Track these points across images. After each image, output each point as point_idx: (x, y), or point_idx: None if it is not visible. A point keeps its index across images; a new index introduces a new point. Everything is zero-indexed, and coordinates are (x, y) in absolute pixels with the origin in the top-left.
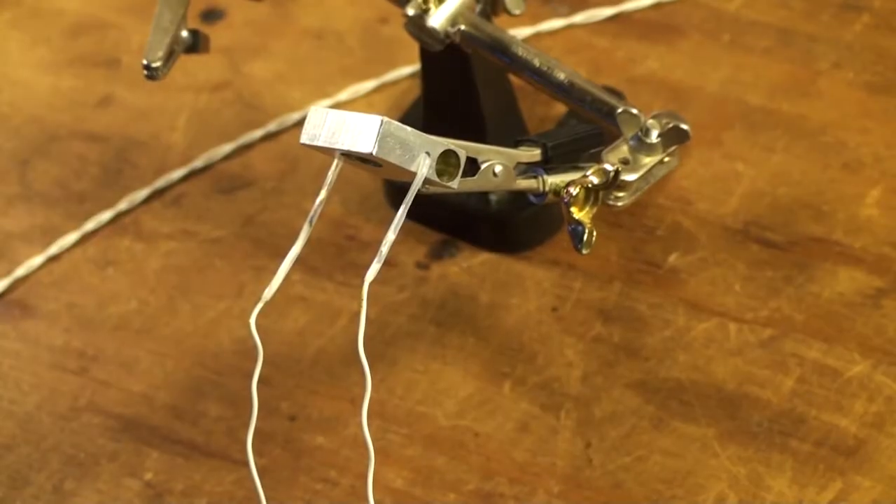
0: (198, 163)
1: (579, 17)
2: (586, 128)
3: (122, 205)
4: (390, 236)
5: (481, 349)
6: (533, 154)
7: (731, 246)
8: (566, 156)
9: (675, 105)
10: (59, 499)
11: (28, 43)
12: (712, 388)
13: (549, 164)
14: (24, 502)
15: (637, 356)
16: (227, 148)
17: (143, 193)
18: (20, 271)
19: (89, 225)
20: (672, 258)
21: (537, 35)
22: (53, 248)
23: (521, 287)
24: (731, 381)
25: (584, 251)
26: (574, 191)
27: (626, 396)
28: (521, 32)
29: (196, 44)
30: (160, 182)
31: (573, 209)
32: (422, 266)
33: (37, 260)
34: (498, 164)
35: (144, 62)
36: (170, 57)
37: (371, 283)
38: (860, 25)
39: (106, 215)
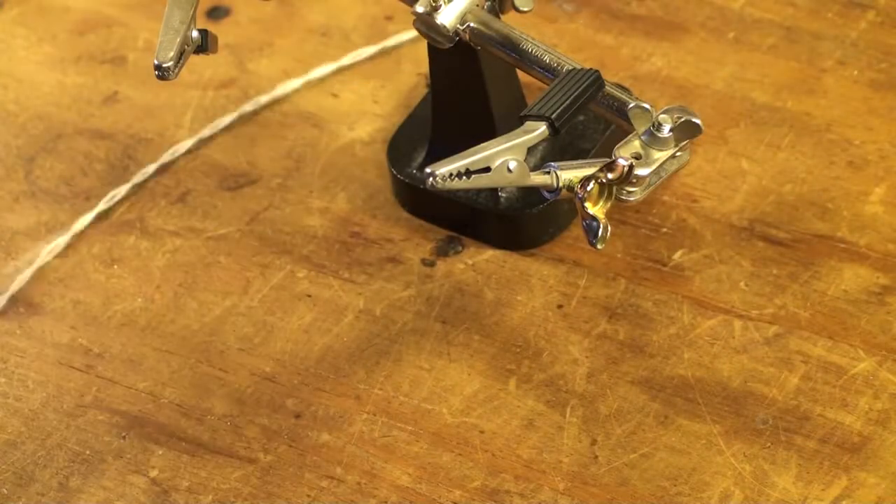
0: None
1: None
2: (581, 79)
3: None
4: None
5: (487, 346)
6: (541, 133)
7: (737, 243)
8: (573, 117)
9: (681, 102)
10: (65, 496)
11: (34, 40)
12: (717, 386)
13: (559, 134)
14: (30, 499)
15: (642, 353)
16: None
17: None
18: (26, 268)
19: (95, 222)
20: (677, 255)
21: (542, 33)
22: (59, 246)
23: (526, 284)
24: (737, 379)
25: (599, 246)
26: (589, 186)
27: (632, 393)
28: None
29: (205, 44)
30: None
31: (587, 204)
32: (427, 263)
33: (42, 257)
34: (512, 160)
35: (156, 62)
36: (180, 57)
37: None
38: (865, 23)
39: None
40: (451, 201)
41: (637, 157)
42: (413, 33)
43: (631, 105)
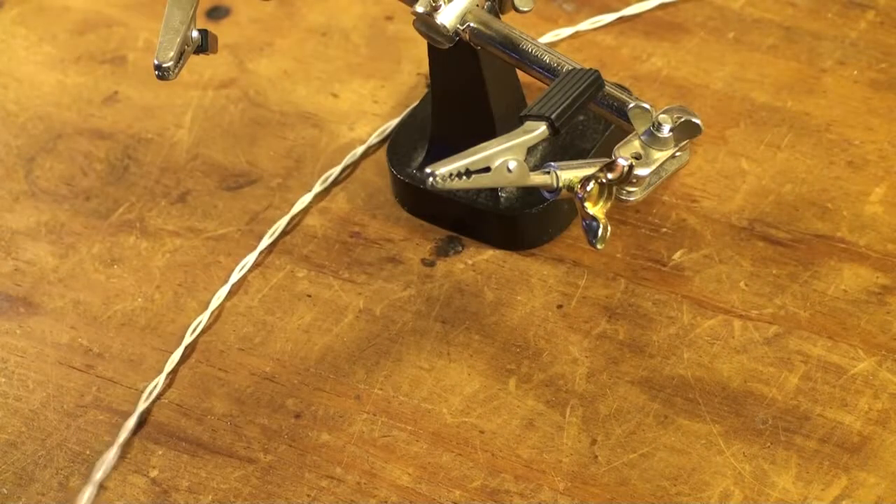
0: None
1: (587, 23)
2: (581, 79)
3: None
4: None
5: (487, 346)
6: (541, 133)
7: (736, 243)
8: (572, 117)
9: (680, 103)
10: (65, 496)
11: (34, 40)
12: (717, 386)
13: (558, 134)
14: (30, 499)
15: (642, 353)
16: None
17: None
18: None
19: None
20: (677, 255)
21: (542, 34)
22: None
23: (526, 284)
24: (736, 378)
25: (599, 246)
26: (589, 186)
27: (632, 393)
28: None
29: (205, 44)
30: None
31: (587, 204)
32: (427, 263)
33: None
34: (512, 160)
35: (156, 62)
36: (180, 57)
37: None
38: (865, 23)
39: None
40: (451, 201)
41: (637, 157)
42: None
43: (631, 105)
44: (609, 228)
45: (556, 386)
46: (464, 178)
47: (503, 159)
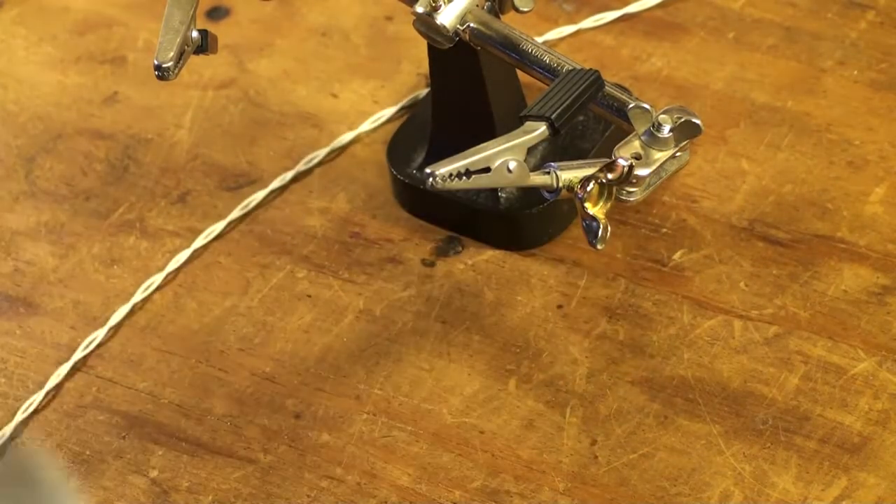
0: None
1: (587, 22)
2: (581, 79)
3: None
4: None
5: (487, 346)
6: (541, 133)
7: (737, 243)
8: (572, 117)
9: (680, 103)
10: None
11: (34, 40)
12: (717, 386)
13: (558, 134)
14: None
15: (642, 353)
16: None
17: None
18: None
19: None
20: (677, 256)
21: (542, 34)
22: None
23: (526, 284)
24: (736, 379)
25: (599, 246)
26: (589, 187)
27: (632, 394)
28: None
29: (205, 44)
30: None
31: (587, 205)
32: (427, 263)
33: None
34: (512, 160)
35: (156, 62)
36: (180, 57)
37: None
38: (865, 23)
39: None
40: (451, 201)
41: (637, 157)
42: None
43: (631, 105)
44: (609, 229)
45: (556, 386)
46: (464, 178)
47: (503, 159)
